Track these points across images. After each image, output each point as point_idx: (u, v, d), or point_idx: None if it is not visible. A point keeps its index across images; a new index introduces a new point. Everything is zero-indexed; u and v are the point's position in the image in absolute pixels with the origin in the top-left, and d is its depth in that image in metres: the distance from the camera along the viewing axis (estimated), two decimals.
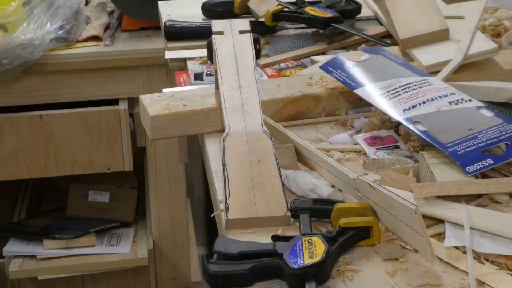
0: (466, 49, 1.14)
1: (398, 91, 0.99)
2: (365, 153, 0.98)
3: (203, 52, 1.27)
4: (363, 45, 1.35)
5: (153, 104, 1.03)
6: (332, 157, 0.95)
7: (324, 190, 0.86)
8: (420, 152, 0.91)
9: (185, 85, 1.23)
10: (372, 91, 1.01)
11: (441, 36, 1.19)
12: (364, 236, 0.77)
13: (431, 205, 0.81)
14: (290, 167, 0.92)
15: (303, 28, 1.44)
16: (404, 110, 0.95)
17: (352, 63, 1.08)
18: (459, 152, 0.87)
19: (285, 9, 1.40)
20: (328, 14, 1.36)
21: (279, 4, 1.41)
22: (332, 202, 0.81)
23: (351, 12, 1.44)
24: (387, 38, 1.37)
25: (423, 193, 0.82)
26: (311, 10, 1.38)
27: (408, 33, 1.20)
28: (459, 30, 1.20)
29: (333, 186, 0.88)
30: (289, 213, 0.81)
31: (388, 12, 1.26)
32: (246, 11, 1.47)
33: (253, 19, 1.43)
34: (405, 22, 1.22)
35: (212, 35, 1.10)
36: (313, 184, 0.87)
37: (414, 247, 0.76)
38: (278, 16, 1.40)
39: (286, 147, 0.94)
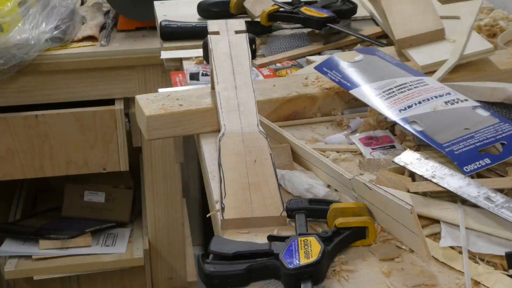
0: (462, 49, 1.14)
1: (393, 91, 0.99)
2: (360, 153, 0.98)
3: (199, 52, 1.27)
4: (358, 45, 1.35)
5: (149, 104, 1.03)
6: (327, 157, 0.95)
7: (320, 190, 0.86)
8: (416, 152, 0.91)
9: (181, 85, 1.23)
10: (367, 91, 1.01)
11: (437, 36, 1.20)
12: (359, 236, 0.77)
13: (426, 205, 0.81)
14: (286, 167, 0.92)
15: (298, 28, 1.44)
16: (400, 110, 0.95)
17: (347, 63, 1.08)
18: (456, 152, 0.87)
19: (281, 9, 1.40)
20: (324, 14, 1.36)
21: (274, 4, 1.41)
22: (328, 202, 0.81)
23: (347, 12, 1.44)
24: (383, 38, 1.37)
25: (419, 189, 0.82)
26: (306, 10, 1.38)
27: (404, 33, 1.20)
28: (454, 30, 1.20)
29: (328, 186, 0.88)
30: (285, 213, 0.81)
31: (384, 12, 1.26)
32: (242, 11, 1.47)
33: (249, 19, 1.43)
34: (401, 22, 1.22)
35: (208, 35, 1.10)
36: (309, 184, 0.87)
37: (410, 247, 0.76)
38: (273, 16, 1.40)
39: (282, 147, 0.94)
